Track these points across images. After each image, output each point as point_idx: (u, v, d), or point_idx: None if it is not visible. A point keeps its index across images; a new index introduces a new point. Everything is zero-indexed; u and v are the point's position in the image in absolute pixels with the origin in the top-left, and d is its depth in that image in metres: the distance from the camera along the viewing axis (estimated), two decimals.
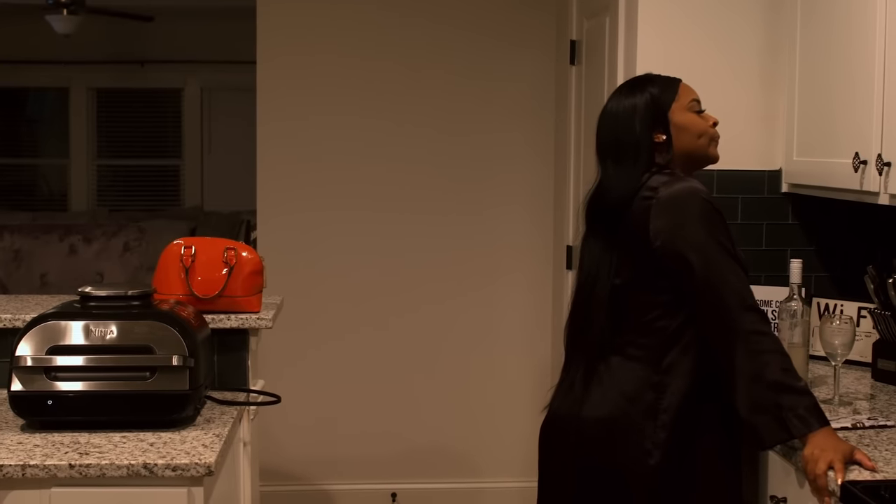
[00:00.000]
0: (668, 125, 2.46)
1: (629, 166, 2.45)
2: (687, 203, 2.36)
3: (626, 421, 2.39)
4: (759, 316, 2.32)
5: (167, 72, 9.64)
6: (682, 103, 2.49)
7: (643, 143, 2.45)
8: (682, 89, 2.51)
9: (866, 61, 2.74)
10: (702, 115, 2.52)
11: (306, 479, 4.82)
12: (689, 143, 2.48)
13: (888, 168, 2.61)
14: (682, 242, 2.34)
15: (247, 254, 2.95)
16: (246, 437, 2.89)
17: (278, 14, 4.69)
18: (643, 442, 2.37)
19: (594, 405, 2.42)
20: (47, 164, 10.00)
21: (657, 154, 2.46)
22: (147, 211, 9.30)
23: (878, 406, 2.72)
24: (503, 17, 4.76)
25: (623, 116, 2.48)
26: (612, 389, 2.41)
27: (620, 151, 2.47)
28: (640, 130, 2.45)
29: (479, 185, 4.80)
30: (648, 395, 2.38)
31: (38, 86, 9.88)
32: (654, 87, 2.49)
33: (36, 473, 2.24)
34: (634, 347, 2.41)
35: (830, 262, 3.46)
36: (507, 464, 4.81)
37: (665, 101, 2.48)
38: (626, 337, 2.42)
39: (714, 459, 2.43)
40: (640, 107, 2.47)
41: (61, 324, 2.52)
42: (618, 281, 2.41)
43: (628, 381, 2.40)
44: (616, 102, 2.52)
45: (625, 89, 2.54)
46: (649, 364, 2.39)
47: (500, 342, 4.85)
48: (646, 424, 2.37)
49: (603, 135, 2.53)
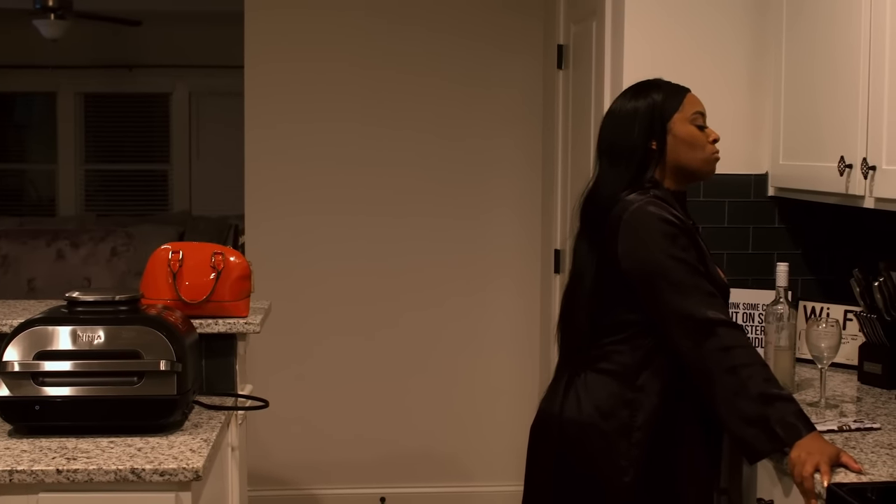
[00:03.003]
0: (665, 134, 2.45)
1: (622, 169, 2.45)
2: (646, 225, 2.35)
3: (601, 436, 2.40)
4: (730, 329, 2.30)
5: (155, 76, 9.62)
6: (685, 114, 2.48)
7: (638, 149, 2.45)
8: (687, 100, 2.50)
9: (851, 65, 2.75)
10: (704, 131, 2.50)
11: (295, 483, 4.81)
12: (683, 156, 2.47)
13: (873, 172, 2.62)
14: (642, 266, 2.35)
15: (234, 258, 2.95)
16: (234, 442, 2.89)
17: (266, 20, 4.69)
18: (618, 460, 2.38)
19: (572, 409, 2.45)
20: (35, 170, 9.96)
21: (650, 161, 2.46)
22: (135, 216, 9.27)
23: (865, 409, 2.73)
24: (491, 23, 4.77)
25: (623, 119, 2.48)
26: (588, 403, 2.43)
27: (615, 153, 2.47)
28: (637, 135, 2.45)
29: (468, 190, 4.81)
30: (622, 413, 2.39)
31: (26, 90, 9.84)
32: (659, 94, 2.48)
33: (23, 479, 2.23)
34: (609, 362, 2.42)
35: (817, 266, 3.48)
36: (495, 468, 4.81)
37: (667, 110, 2.47)
38: (604, 350, 2.44)
39: (690, 477, 2.44)
40: (641, 111, 2.46)
41: (49, 329, 2.52)
42: (599, 283, 2.42)
43: (603, 397, 2.41)
44: (620, 104, 2.53)
45: (630, 92, 2.54)
46: (624, 381, 2.40)
47: (489, 346, 4.86)
48: (620, 442, 2.39)
49: (602, 134, 2.53)
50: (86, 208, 9.75)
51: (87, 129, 9.82)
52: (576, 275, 2.51)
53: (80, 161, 9.80)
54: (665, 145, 2.46)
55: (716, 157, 2.52)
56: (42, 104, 9.90)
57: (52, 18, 7.75)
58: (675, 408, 2.40)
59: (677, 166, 2.47)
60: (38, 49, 8.94)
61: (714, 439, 2.48)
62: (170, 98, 9.77)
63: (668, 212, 2.37)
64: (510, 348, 4.84)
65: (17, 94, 9.90)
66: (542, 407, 2.57)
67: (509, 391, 4.84)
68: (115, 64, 9.54)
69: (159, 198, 9.90)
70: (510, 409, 4.80)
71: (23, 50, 9.21)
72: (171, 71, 9.56)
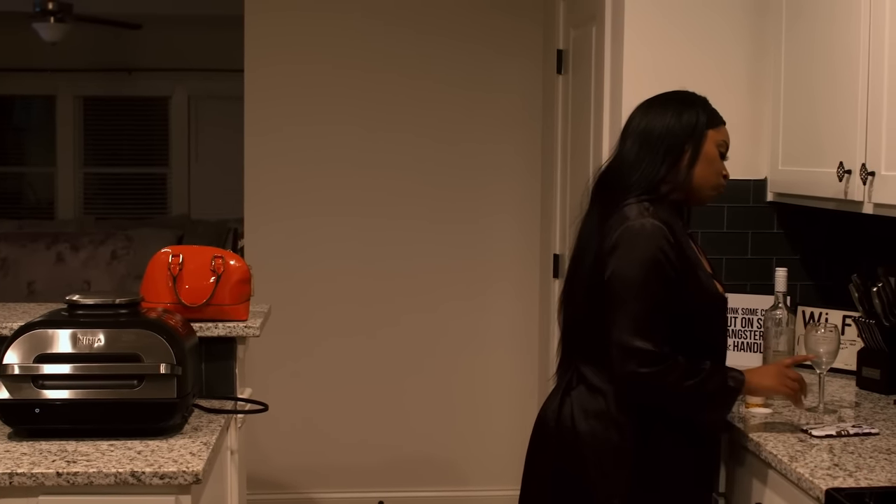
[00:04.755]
0: (702, 142, 2.47)
1: (646, 157, 2.46)
2: (639, 245, 2.37)
3: (593, 452, 2.42)
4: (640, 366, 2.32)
5: (154, 80, 9.62)
6: (717, 138, 2.50)
7: (673, 145, 2.46)
8: (723, 128, 2.53)
9: (850, 71, 2.75)
10: (722, 160, 2.53)
11: (293, 487, 4.81)
12: (698, 171, 2.48)
13: (872, 177, 2.62)
14: (619, 280, 2.37)
15: (234, 262, 2.95)
16: (233, 446, 2.89)
17: (266, 23, 4.70)
18: (607, 486, 2.40)
19: (567, 420, 2.47)
20: (34, 173, 9.96)
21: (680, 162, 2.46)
22: (134, 219, 9.28)
23: (863, 414, 2.73)
24: (490, 27, 4.77)
25: (668, 110, 2.49)
26: (581, 417, 2.45)
27: (649, 139, 2.47)
28: (681, 130, 2.46)
29: (467, 194, 4.82)
30: (611, 432, 2.41)
31: (25, 94, 9.84)
32: (705, 108, 2.51)
33: (23, 482, 2.23)
34: (600, 380, 2.44)
35: (815, 271, 3.48)
36: (494, 472, 4.81)
37: (709, 124, 2.49)
38: (594, 366, 2.45)
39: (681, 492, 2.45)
40: (686, 112, 2.48)
41: (49, 332, 2.52)
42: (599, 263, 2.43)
43: (593, 417, 2.43)
44: (664, 98, 2.54)
45: (677, 94, 2.55)
46: (613, 401, 2.42)
47: (487, 350, 4.86)
48: (609, 468, 2.40)
49: (638, 117, 2.53)
50: (84, 211, 9.75)
51: (87, 133, 9.83)
52: (578, 252, 2.53)
53: (79, 164, 9.80)
54: (698, 155, 2.47)
55: (720, 191, 2.54)
56: (41, 107, 9.91)
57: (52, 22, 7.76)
58: (663, 432, 2.41)
59: (690, 180, 2.48)
60: (38, 52, 8.94)
61: (705, 452, 2.49)
62: (169, 101, 9.77)
63: (665, 237, 2.37)
64: (509, 353, 4.85)
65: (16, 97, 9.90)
66: (540, 414, 2.59)
67: (508, 396, 4.84)
68: (114, 67, 9.54)
69: (158, 201, 9.90)
70: (508, 413, 4.81)
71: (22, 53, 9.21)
72: (171, 74, 9.56)
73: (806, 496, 2.19)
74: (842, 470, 2.21)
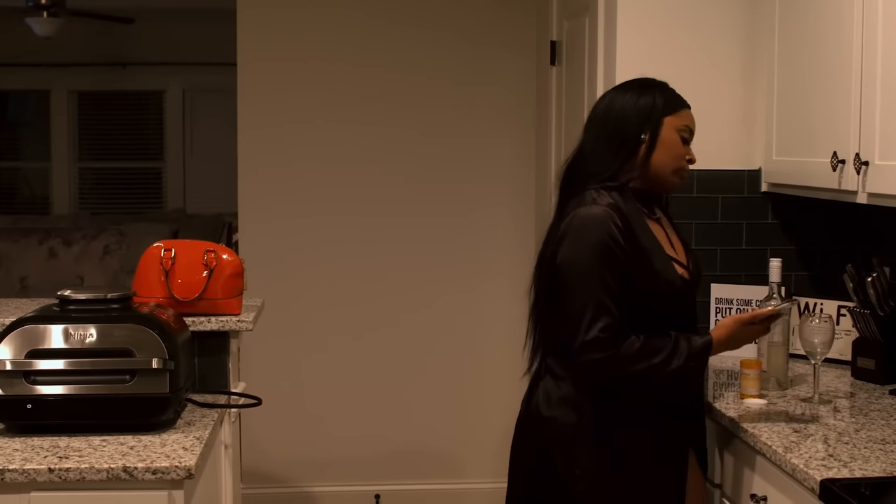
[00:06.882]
0: (658, 129, 2.48)
1: (602, 146, 2.49)
2: (587, 230, 2.39)
3: (555, 437, 2.47)
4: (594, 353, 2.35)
5: (149, 74, 9.59)
6: (677, 122, 2.50)
7: (629, 133, 2.47)
8: (684, 112, 2.54)
9: (844, 61, 2.75)
10: (686, 146, 2.53)
11: (289, 481, 4.81)
12: (658, 159, 2.49)
13: (866, 167, 2.62)
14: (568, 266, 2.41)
15: (227, 256, 2.94)
16: (227, 440, 2.88)
17: (259, 17, 4.68)
18: (573, 469, 2.44)
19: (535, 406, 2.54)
20: (28, 168, 9.94)
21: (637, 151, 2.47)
22: (129, 213, 9.25)
23: (858, 404, 2.73)
24: (483, 19, 4.76)
25: (625, 100, 2.51)
26: (545, 406, 2.50)
27: (607, 128, 2.50)
28: (633, 119, 2.48)
29: (461, 187, 4.81)
30: (572, 416, 2.45)
31: (19, 88, 9.81)
32: (662, 94, 2.52)
33: (15, 478, 2.23)
34: (562, 369, 2.48)
35: (810, 261, 3.48)
36: (490, 465, 4.81)
37: (665, 110, 2.49)
38: (556, 356, 2.50)
39: (643, 483, 2.46)
40: (642, 100, 2.49)
41: (41, 327, 2.51)
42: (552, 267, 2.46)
43: (556, 403, 2.48)
44: (623, 88, 2.56)
45: (636, 82, 2.57)
46: (574, 386, 2.46)
47: (482, 344, 4.86)
48: (570, 446, 2.44)
49: (599, 106, 2.56)
50: (80, 206, 9.73)
51: (81, 127, 9.80)
52: (542, 245, 2.55)
53: (73, 159, 9.78)
54: (655, 141, 2.47)
55: (683, 176, 2.55)
56: (35, 102, 9.88)
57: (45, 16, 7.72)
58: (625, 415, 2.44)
59: (648, 166, 2.49)
60: (32, 47, 8.91)
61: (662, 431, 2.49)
62: (163, 95, 9.75)
63: (613, 222, 2.38)
64: (504, 347, 4.83)
65: (10, 91, 9.87)
66: (521, 406, 2.64)
67: (503, 389, 4.82)
68: (108, 61, 9.51)
69: (153, 195, 9.87)
70: (503, 407, 4.77)
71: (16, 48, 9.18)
72: (165, 68, 9.53)
73: (801, 487, 2.19)
74: (836, 460, 2.21)
